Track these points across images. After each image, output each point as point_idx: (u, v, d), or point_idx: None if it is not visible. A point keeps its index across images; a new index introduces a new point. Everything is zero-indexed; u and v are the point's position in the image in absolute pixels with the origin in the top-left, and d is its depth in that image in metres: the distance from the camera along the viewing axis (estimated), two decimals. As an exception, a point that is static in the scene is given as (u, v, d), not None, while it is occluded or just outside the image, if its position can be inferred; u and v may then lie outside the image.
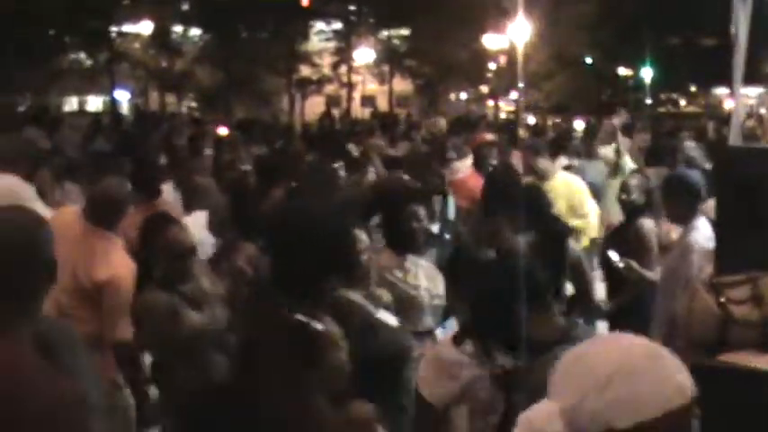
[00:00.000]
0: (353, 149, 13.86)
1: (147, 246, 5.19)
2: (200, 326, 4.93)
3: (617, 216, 8.34)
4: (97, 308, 5.38)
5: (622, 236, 7.53)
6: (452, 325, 5.15)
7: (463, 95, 49.81)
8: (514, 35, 27.73)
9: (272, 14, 37.47)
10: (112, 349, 5.39)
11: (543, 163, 9.56)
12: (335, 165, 9.64)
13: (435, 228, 7.20)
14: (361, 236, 4.78)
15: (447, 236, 7.69)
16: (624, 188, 7.59)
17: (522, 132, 20.13)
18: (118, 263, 5.56)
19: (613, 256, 7.21)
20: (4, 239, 2.76)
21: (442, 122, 22.37)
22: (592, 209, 9.80)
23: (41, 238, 2.81)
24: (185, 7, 39.43)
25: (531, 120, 35.08)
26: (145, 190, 7.95)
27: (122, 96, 42.03)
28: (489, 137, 13.43)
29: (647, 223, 7.39)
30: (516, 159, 10.87)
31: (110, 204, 5.78)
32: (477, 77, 44.04)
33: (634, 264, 7.08)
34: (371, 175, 11.01)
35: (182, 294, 4.97)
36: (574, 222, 8.63)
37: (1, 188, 5.55)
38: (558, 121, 38.38)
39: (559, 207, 8.16)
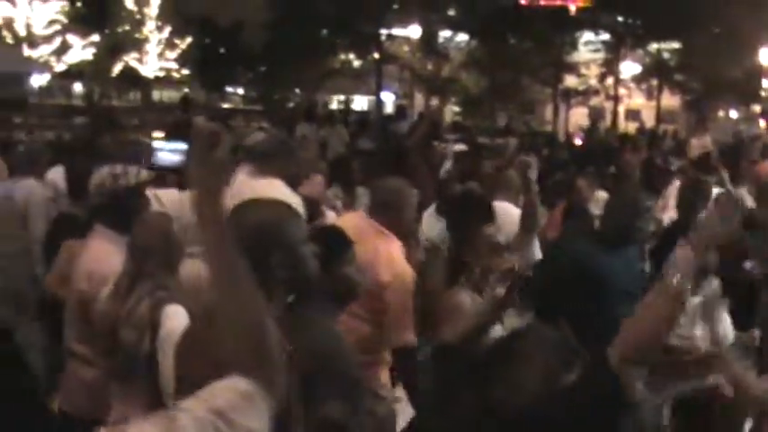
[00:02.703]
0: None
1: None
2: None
3: None
4: (377, 310, 5.34)
5: None
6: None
7: (733, 114, 47.78)
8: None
9: (540, 23, 37.22)
10: (395, 352, 5.34)
11: None
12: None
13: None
14: None
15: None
16: None
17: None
18: (400, 263, 5.53)
19: None
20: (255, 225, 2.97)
21: (708, 140, 21.37)
22: None
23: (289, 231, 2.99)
24: (452, 12, 39.79)
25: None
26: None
27: (387, 98, 42.90)
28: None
29: None
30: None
31: (395, 204, 5.75)
32: (751, 95, 42.11)
33: None
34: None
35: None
36: None
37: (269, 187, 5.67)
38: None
39: None
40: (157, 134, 3.27)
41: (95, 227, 4.95)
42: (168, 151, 2.13)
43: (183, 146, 2.14)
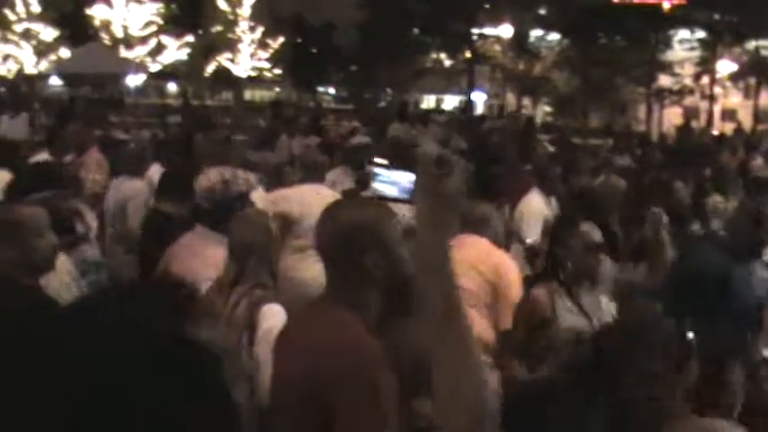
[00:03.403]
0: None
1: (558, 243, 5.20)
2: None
3: None
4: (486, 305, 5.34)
5: None
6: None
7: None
8: None
9: (633, 21, 36.68)
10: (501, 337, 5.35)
11: None
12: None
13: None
14: None
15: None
16: None
17: None
18: (501, 259, 5.56)
19: None
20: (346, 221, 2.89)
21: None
22: None
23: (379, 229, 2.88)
24: (544, 11, 39.47)
25: None
26: (489, 190, 7.79)
27: (478, 97, 42.73)
28: None
29: None
30: None
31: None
32: None
33: None
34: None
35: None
36: None
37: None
38: None
39: None
40: (380, 161, 3.22)
41: (197, 227, 4.99)
42: (390, 182, 2.09)
43: (408, 176, 2.06)
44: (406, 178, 2.04)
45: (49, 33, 39.70)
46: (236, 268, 4.30)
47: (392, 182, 2.04)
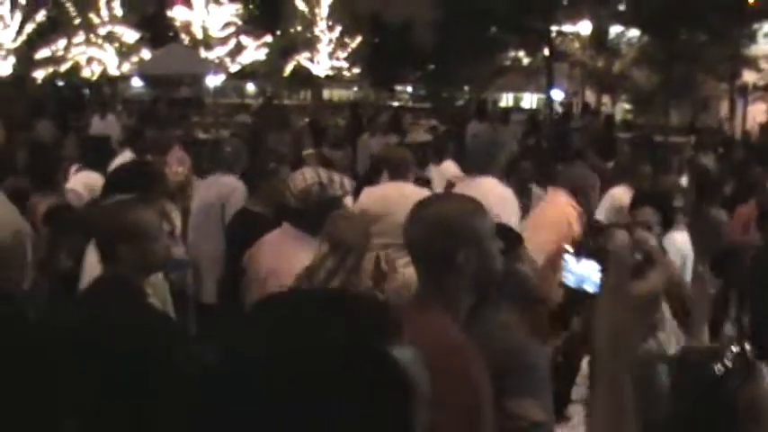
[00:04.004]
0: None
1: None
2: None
3: None
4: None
5: None
6: None
7: None
8: None
9: (715, 15, 36.01)
10: None
11: None
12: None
13: None
14: None
15: None
16: None
17: None
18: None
19: None
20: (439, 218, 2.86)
21: None
22: None
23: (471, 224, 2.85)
24: (622, 7, 38.99)
25: None
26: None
27: (557, 95, 42.41)
28: None
29: None
30: None
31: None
32: None
33: None
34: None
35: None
36: None
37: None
38: None
39: None
40: (568, 248, 3.26)
41: (284, 225, 5.00)
42: (577, 274, 2.01)
43: (594, 267, 1.92)
44: (593, 270, 1.77)
45: (131, 35, 40.35)
46: (332, 266, 4.31)
47: (577, 273, 1.81)
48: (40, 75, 41.96)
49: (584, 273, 1.80)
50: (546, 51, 38.28)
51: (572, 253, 1.84)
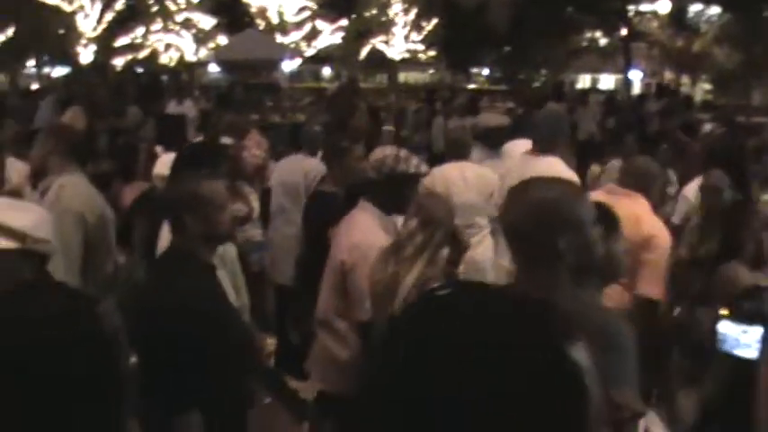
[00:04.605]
0: None
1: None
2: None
3: None
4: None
5: None
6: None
7: None
8: None
9: (799, -9, 35.20)
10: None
11: None
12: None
13: None
14: None
15: None
16: None
17: None
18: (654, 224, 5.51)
19: None
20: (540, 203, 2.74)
21: None
22: None
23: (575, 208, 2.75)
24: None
25: None
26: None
27: (635, 76, 41.82)
28: None
29: None
30: None
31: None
32: None
33: None
34: None
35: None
36: None
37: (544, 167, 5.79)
38: None
39: None
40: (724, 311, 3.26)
41: (361, 202, 5.03)
42: (731, 338, 1.91)
43: (755, 335, 1.81)
44: (752, 335, 1.72)
45: (207, 22, 40.70)
46: (421, 242, 4.33)
47: (732, 337, 1.73)
48: (119, 62, 42.57)
49: (740, 337, 1.78)
50: (623, 31, 37.74)
51: (729, 316, 1.83)
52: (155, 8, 40.20)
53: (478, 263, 6.72)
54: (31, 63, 43.85)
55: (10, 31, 31.77)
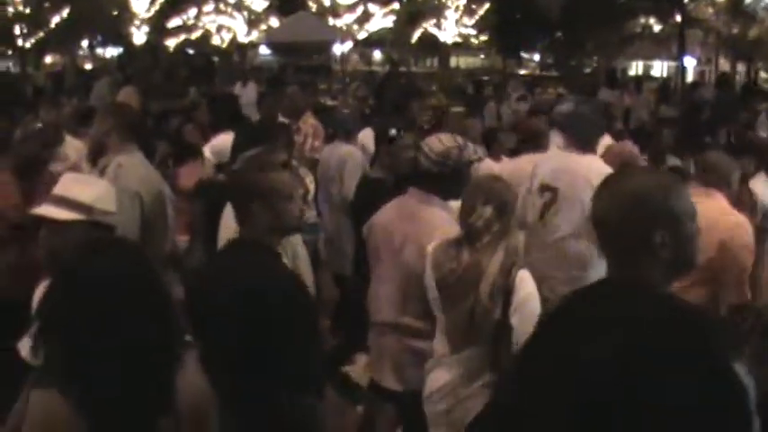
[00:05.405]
0: None
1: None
2: None
3: None
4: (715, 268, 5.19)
5: None
6: None
7: None
8: None
9: None
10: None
11: None
12: None
13: None
14: None
15: None
16: None
17: None
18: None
19: None
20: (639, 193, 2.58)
21: None
22: None
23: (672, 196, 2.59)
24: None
25: None
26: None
27: (689, 63, 41.34)
28: None
29: None
30: None
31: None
32: None
33: None
34: None
35: None
36: None
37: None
38: None
39: None
40: None
41: (410, 190, 4.99)
42: None
43: None
44: None
45: (259, 4, 40.81)
46: (498, 229, 4.34)
47: None
48: (171, 43, 42.86)
49: None
50: (678, 17, 37.22)
51: None
52: (207, -10, 40.47)
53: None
54: (84, 43, 44.29)
55: (65, 12, 32.02)
